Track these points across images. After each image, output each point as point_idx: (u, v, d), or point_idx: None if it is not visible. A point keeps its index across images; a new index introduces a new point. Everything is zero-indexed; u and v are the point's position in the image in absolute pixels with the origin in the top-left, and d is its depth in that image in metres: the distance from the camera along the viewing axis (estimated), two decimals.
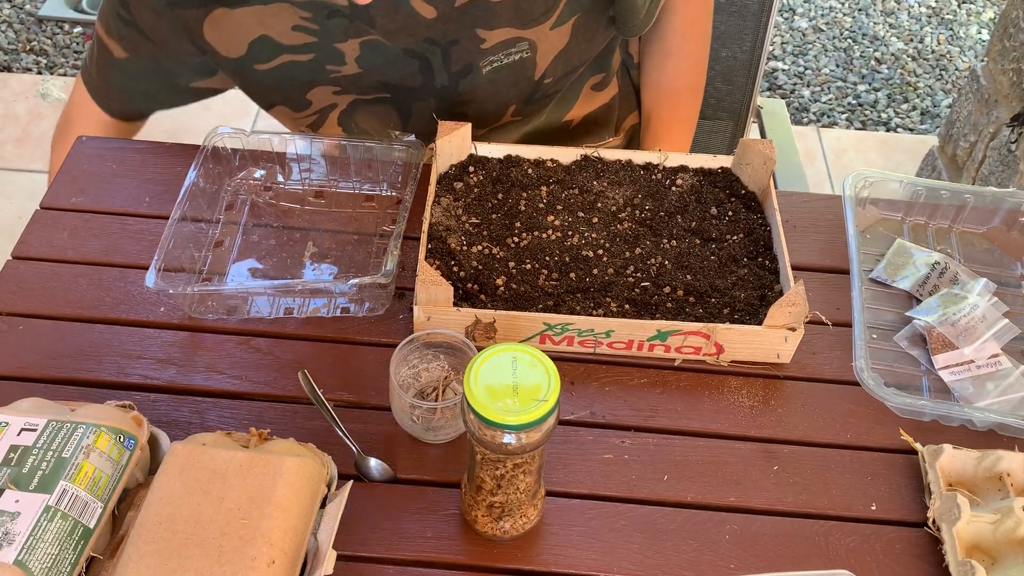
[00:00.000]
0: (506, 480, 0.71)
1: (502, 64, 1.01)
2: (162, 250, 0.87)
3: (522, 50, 1.01)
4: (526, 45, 1.00)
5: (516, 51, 1.00)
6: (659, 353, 0.89)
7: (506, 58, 1.01)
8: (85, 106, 1.10)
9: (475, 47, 0.99)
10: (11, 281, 0.93)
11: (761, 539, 0.79)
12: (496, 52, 1.00)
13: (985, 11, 2.85)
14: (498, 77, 1.02)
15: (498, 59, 1.01)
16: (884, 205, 1.04)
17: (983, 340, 0.90)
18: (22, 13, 2.63)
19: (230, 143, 1.00)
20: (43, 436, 0.70)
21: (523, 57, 1.01)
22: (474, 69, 1.01)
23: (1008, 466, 0.80)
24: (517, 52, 1.01)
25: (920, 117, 2.55)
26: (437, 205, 0.95)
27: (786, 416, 0.87)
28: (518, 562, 0.76)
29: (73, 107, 1.12)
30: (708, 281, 0.91)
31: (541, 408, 0.64)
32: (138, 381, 0.86)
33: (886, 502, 0.81)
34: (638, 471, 0.82)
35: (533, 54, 1.02)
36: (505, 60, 1.01)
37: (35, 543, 0.64)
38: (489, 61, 1.00)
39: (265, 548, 0.66)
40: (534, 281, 0.90)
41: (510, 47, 1.00)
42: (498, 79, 1.03)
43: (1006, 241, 1.02)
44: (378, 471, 0.80)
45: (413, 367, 0.85)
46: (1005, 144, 1.82)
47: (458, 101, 1.04)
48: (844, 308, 0.95)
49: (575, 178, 1.00)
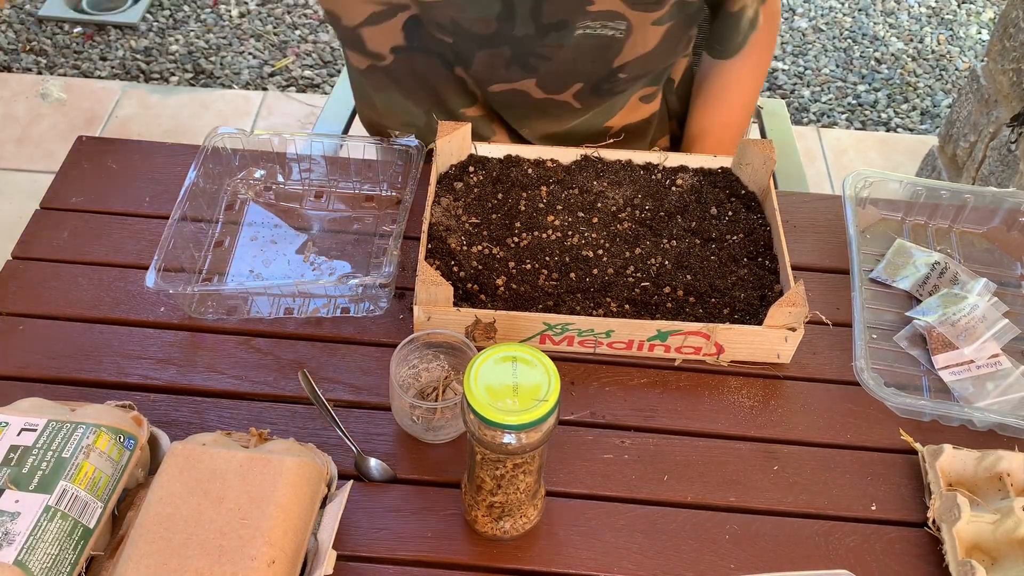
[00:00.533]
0: (506, 480, 0.71)
1: (595, 33, 0.97)
2: (162, 250, 0.87)
3: (619, 29, 0.97)
4: (624, 26, 0.97)
5: (613, 27, 0.97)
6: (659, 353, 0.89)
7: (601, 29, 0.97)
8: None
9: (580, 6, 0.95)
10: (11, 281, 0.93)
11: (761, 539, 0.79)
12: (596, 19, 0.96)
13: (985, 11, 2.85)
14: (585, 44, 0.98)
15: (594, 27, 0.97)
16: (884, 205, 1.04)
17: (983, 340, 0.90)
18: (22, 13, 2.63)
19: (230, 143, 1.00)
20: (43, 436, 0.70)
21: (616, 36, 0.98)
22: (568, 26, 0.96)
23: (1008, 466, 0.80)
24: (613, 29, 0.97)
25: (920, 117, 2.55)
26: (437, 205, 0.95)
27: (786, 416, 0.87)
28: (518, 562, 0.76)
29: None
30: (708, 281, 0.91)
31: (541, 408, 0.64)
32: (138, 381, 0.86)
33: (886, 502, 0.81)
34: (638, 471, 0.82)
35: (625, 38, 0.98)
36: (599, 31, 0.97)
37: (35, 543, 0.64)
38: (586, 24, 0.96)
39: (265, 548, 0.66)
40: (534, 281, 0.90)
41: (609, 20, 0.96)
42: (583, 47, 0.99)
43: (1006, 241, 1.02)
44: (378, 471, 0.80)
45: (413, 367, 0.85)
46: (1005, 144, 1.82)
47: (535, 55, 1.00)
48: (844, 308, 0.95)
49: (575, 178, 1.00)
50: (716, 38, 1.10)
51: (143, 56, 2.55)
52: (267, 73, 2.53)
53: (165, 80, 2.50)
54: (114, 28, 2.61)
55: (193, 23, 2.65)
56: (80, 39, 2.57)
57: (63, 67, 2.50)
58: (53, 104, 2.38)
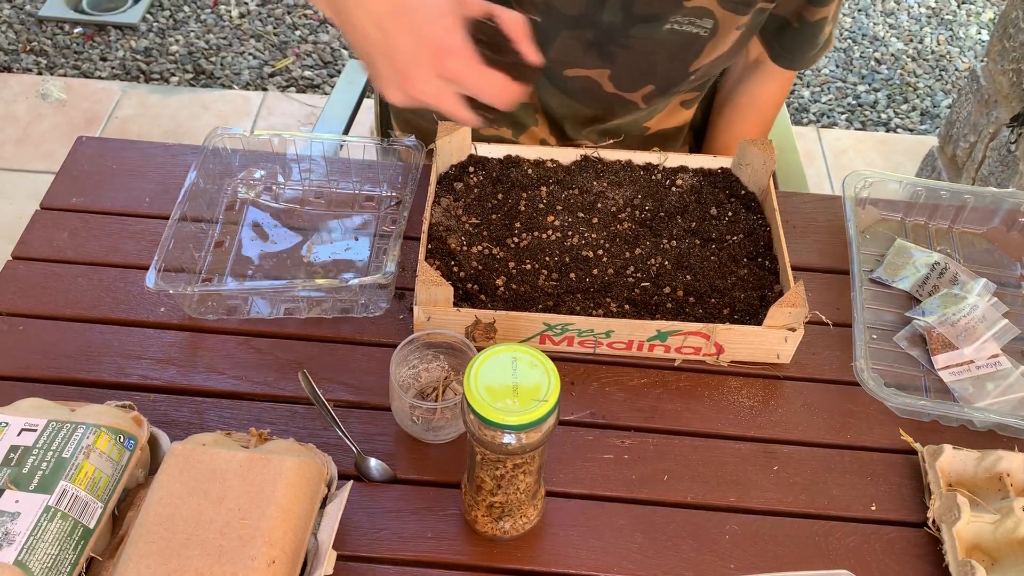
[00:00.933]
0: (506, 480, 0.71)
1: (681, 30, 0.96)
2: (162, 250, 0.87)
3: (705, 27, 0.96)
4: (711, 25, 0.96)
5: (700, 25, 0.96)
6: (659, 353, 0.89)
7: (689, 25, 0.96)
8: None
9: (679, 1, 0.94)
10: (11, 281, 0.93)
11: (761, 539, 0.79)
12: (687, 15, 0.94)
13: (985, 11, 2.85)
14: (669, 41, 0.97)
15: (682, 23, 0.95)
16: (884, 205, 1.04)
17: (983, 340, 0.90)
18: (22, 13, 2.63)
19: (230, 143, 1.00)
20: (43, 436, 0.70)
21: (700, 35, 0.97)
22: (659, 20, 0.95)
23: (1008, 466, 0.80)
24: (699, 27, 0.96)
25: (920, 117, 2.55)
26: (437, 205, 0.95)
27: (786, 416, 0.87)
28: (518, 562, 0.76)
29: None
30: (708, 281, 0.91)
31: (541, 408, 0.64)
32: (138, 381, 0.86)
33: (886, 502, 0.81)
34: (638, 471, 0.82)
35: (708, 38, 0.97)
36: (686, 27, 0.96)
37: (35, 543, 0.64)
38: (676, 20, 0.95)
39: (265, 548, 0.66)
40: (534, 281, 0.90)
41: (698, 17, 0.95)
42: (668, 44, 0.97)
43: (1006, 241, 1.02)
44: (378, 471, 0.80)
45: (413, 367, 0.85)
46: (1005, 144, 1.82)
47: (617, 43, 0.98)
48: (844, 308, 0.95)
49: (575, 178, 1.00)
50: (788, 48, 1.07)
51: (143, 56, 2.55)
52: (267, 73, 2.53)
53: (165, 80, 2.50)
54: (114, 28, 2.61)
55: (193, 23, 2.65)
56: (80, 39, 2.57)
57: (63, 67, 2.50)
58: (53, 104, 2.38)
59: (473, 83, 0.70)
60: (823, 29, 1.04)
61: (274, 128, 2.37)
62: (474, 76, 0.70)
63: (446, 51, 0.69)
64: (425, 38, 0.68)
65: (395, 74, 0.70)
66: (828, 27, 1.05)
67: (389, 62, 0.70)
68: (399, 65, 0.70)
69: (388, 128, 1.42)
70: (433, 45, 0.69)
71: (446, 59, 0.69)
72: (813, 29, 1.03)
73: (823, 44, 1.07)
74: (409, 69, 0.69)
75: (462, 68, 0.69)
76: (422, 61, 0.69)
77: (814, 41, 1.05)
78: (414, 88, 0.70)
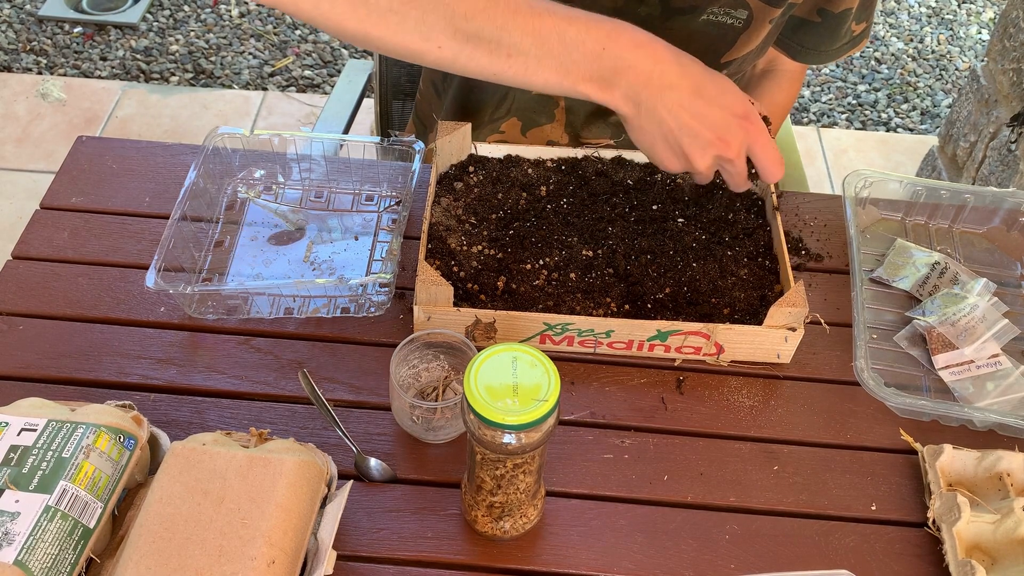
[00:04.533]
0: (506, 480, 0.71)
1: (716, 21, 0.97)
2: (162, 250, 0.87)
3: (739, 18, 0.97)
4: (745, 15, 0.96)
5: (735, 16, 0.96)
6: (659, 353, 0.89)
7: (724, 16, 0.96)
8: None
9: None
10: (11, 281, 0.93)
11: (761, 539, 0.79)
12: (723, 5, 0.95)
13: (985, 11, 2.85)
14: (703, 32, 0.98)
15: (718, 14, 0.96)
16: (884, 205, 1.04)
17: (983, 340, 0.90)
18: (22, 13, 2.63)
19: (230, 143, 1.00)
20: (43, 436, 0.70)
21: (734, 26, 0.97)
22: (695, 12, 0.96)
23: (1008, 466, 0.80)
24: (735, 17, 0.96)
25: (920, 117, 2.55)
26: (437, 205, 0.95)
27: (786, 416, 0.87)
28: (518, 562, 0.76)
29: None
30: (708, 281, 0.91)
31: (541, 408, 0.64)
32: (138, 381, 0.86)
33: (886, 502, 0.81)
34: (638, 471, 0.82)
35: (742, 29, 0.98)
36: (721, 18, 0.97)
37: (35, 543, 0.64)
38: (712, 12, 0.96)
39: (265, 548, 0.66)
40: (534, 281, 0.90)
41: (732, 7, 0.96)
42: (701, 35, 0.98)
43: (1006, 241, 1.02)
44: (378, 471, 0.80)
45: (413, 367, 0.85)
46: (1005, 144, 1.82)
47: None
48: (844, 308, 0.95)
49: (575, 178, 1.00)
50: (810, 43, 1.07)
51: (143, 56, 2.55)
52: (267, 73, 2.53)
53: (165, 80, 2.50)
54: (114, 28, 2.61)
55: (193, 23, 2.65)
56: (80, 39, 2.57)
57: (63, 67, 2.50)
58: (53, 104, 2.38)
59: (768, 148, 0.81)
60: (846, 21, 1.04)
61: (274, 128, 2.37)
62: (768, 142, 0.81)
63: (746, 116, 0.80)
64: (729, 108, 0.79)
65: (705, 144, 0.79)
66: (851, 21, 1.05)
67: (696, 137, 0.79)
68: (711, 135, 0.79)
69: (388, 128, 1.42)
70: (737, 112, 0.79)
71: (748, 124, 0.80)
72: (837, 20, 1.04)
73: (849, 39, 1.07)
74: (724, 135, 0.79)
75: (761, 131, 0.81)
76: (732, 126, 0.79)
77: (836, 33, 1.05)
78: (729, 150, 0.80)
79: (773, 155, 0.82)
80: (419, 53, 0.76)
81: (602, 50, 0.76)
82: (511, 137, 1.13)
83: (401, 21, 0.74)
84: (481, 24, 0.74)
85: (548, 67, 0.76)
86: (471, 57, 0.75)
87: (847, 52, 1.10)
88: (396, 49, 0.76)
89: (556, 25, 0.75)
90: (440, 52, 0.75)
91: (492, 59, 0.75)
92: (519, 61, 0.75)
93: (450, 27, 0.74)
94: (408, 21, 0.74)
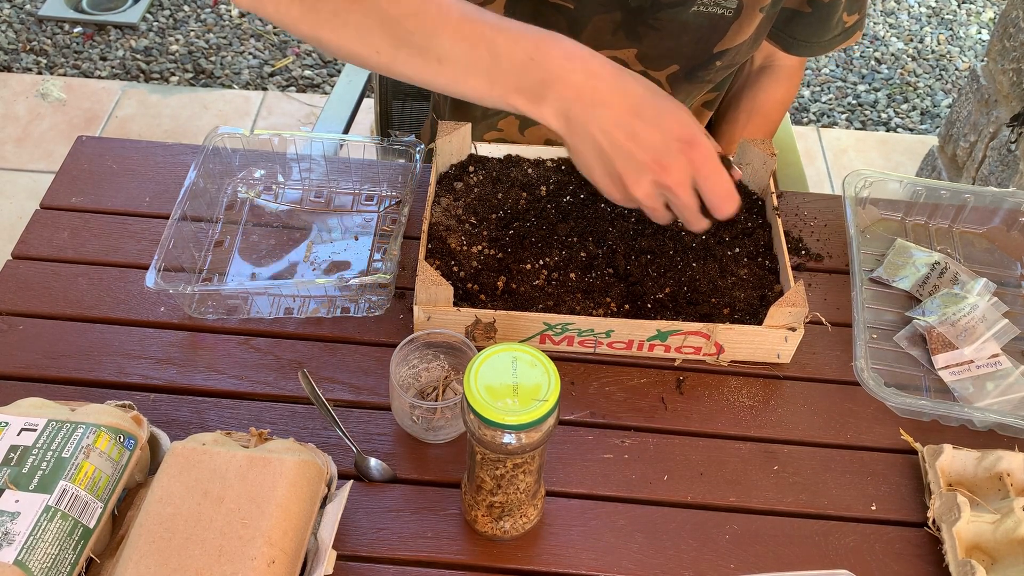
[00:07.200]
0: (506, 480, 0.71)
1: (706, 11, 0.96)
2: (162, 250, 0.87)
3: (729, 8, 0.96)
4: (735, 4, 0.96)
5: (725, 6, 0.96)
6: (659, 353, 0.89)
7: (713, 6, 0.96)
8: None
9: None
10: (11, 281, 0.93)
11: (761, 539, 0.79)
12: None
13: (985, 11, 2.85)
14: (693, 23, 0.97)
15: (707, 4, 0.95)
16: (884, 205, 1.04)
17: (983, 340, 0.90)
18: (22, 13, 2.63)
19: (230, 143, 1.00)
20: (43, 436, 0.70)
21: (724, 15, 0.97)
22: (686, 3, 0.95)
23: (1008, 466, 0.80)
24: (725, 7, 0.96)
25: (920, 117, 2.55)
26: (437, 205, 0.95)
27: (786, 416, 0.87)
28: (518, 562, 0.76)
29: None
30: (708, 281, 0.91)
31: (541, 408, 0.64)
32: (138, 381, 0.86)
33: (886, 502, 0.81)
34: (638, 471, 0.82)
35: (732, 19, 0.98)
36: (711, 8, 0.96)
37: (35, 543, 0.64)
38: (702, 3, 0.95)
39: (265, 548, 0.66)
40: (534, 281, 0.90)
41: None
42: (692, 26, 0.98)
43: (1006, 241, 1.02)
44: (378, 471, 0.80)
45: (413, 367, 0.85)
46: (1005, 144, 1.82)
47: (645, 24, 0.98)
48: (844, 308, 0.95)
49: (575, 178, 1.00)
50: (803, 35, 1.07)
51: (143, 56, 2.55)
52: (267, 73, 2.53)
53: (165, 80, 2.50)
54: (114, 28, 2.61)
55: (193, 23, 2.65)
56: (80, 39, 2.57)
57: (63, 67, 2.50)
58: (53, 104, 2.38)
59: (713, 177, 0.73)
60: (836, 11, 1.04)
61: (274, 128, 2.37)
62: (715, 170, 0.73)
63: (690, 142, 0.72)
64: (669, 131, 0.72)
65: (639, 168, 0.72)
66: (842, 12, 1.05)
67: (629, 159, 0.72)
68: (646, 158, 0.72)
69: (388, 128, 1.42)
70: (679, 136, 0.72)
71: (691, 150, 0.72)
72: (828, 11, 1.04)
73: (841, 30, 1.07)
74: (661, 159, 0.72)
75: (707, 159, 0.73)
76: (672, 151, 0.72)
77: (827, 24, 1.05)
78: (668, 176, 0.73)
79: (721, 187, 0.74)
80: (361, 57, 0.76)
81: (529, 60, 0.72)
82: (509, 135, 1.13)
83: (343, 24, 0.75)
84: (412, 28, 0.74)
85: (476, 76, 0.73)
86: (405, 62, 0.75)
87: (840, 44, 1.09)
88: (341, 52, 0.77)
89: (485, 33, 0.73)
90: (379, 57, 0.75)
91: (424, 65, 0.74)
92: (449, 68, 0.74)
93: (385, 31, 0.74)
94: (349, 25, 0.74)
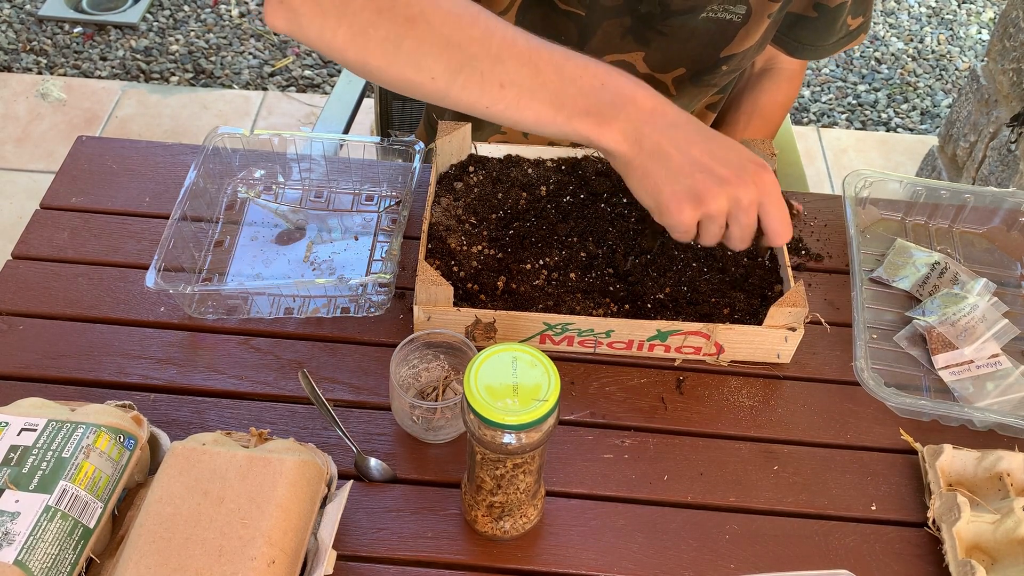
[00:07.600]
0: (506, 480, 0.71)
1: (715, 17, 0.97)
2: (162, 250, 0.87)
3: (738, 13, 0.97)
4: (744, 10, 0.96)
5: (734, 11, 0.96)
6: (659, 353, 0.89)
7: (723, 12, 0.96)
8: None
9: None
10: (11, 281, 0.93)
11: (761, 539, 0.79)
12: (722, 2, 0.95)
13: (985, 11, 2.85)
14: (702, 29, 0.98)
15: (716, 11, 0.96)
16: (884, 205, 1.04)
17: (983, 340, 0.90)
18: (22, 13, 2.63)
19: (230, 143, 1.00)
20: (43, 436, 0.70)
21: (732, 21, 0.97)
22: (695, 10, 0.95)
23: (1008, 466, 0.80)
24: (734, 13, 0.97)
25: (920, 117, 2.55)
26: (437, 205, 0.95)
27: (786, 416, 0.87)
28: (518, 562, 0.76)
29: None
30: (708, 281, 0.91)
31: (541, 408, 0.64)
32: (138, 381, 0.86)
33: (886, 502, 0.81)
34: (638, 471, 0.82)
35: (741, 24, 0.98)
36: (720, 14, 0.96)
37: (35, 543, 0.64)
38: (711, 9, 0.96)
39: (265, 548, 0.66)
40: (534, 281, 0.90)
41: (731, 3, 0.95)
42: (701, 31, 0.98)
43: (1006, 241, 1.02)
44: (378, 471, 0.80)
45: (413, 367, 0.85)
46: (1005, 144, 1.82)
47: (654, 29, 0.98)
48: (844, 308, 0.95)
49: (575, 178, 1.00)
50: (807, 39, 1.08)
51: (143, 56, 2.55)
52: (267, 73, 2.53)
53: (165, 80, 2.50)
54: (114, 28, 2.61)
55: (193, 23, 2.65)
56: (80, 39, 2.57)
57: (63, 67, 2.50)
58: (53, 104, 2.38)
59: (779, 204, 0.77)
60: (842, 15, 1.04)
61: (274, 128, 2.37)
62: (780, 198, 0.77)
63: (762, 166, 0.77)
64: (742, 154, 0.77)
65: (720, 181, 0.75)
66: (847, 15, 1.05)
67: (709, 173, 0.74)
68: (727, 173, 0.75)
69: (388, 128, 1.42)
70: (751, 159, 0.77)
71: (764, 173, 0.76)
72: (833, 15, 1.04)
73: (845, 33, 1.07)
74: (740, 175, 0.75)
75: (776, 186, 0.77)
76: (748, 170, 0.76)
77: (832, 28, 1.05)
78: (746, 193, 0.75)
79: (784, 214, 0.78)
80: (414, 84, 0.75)
81: (600, 85, 0.74)
82: (512, 137, 1.13)
83: (396, 50, 0.73)
84: (476, 52, 0.73)
85: (541, 99, 0.74)
86: (463, 88, 0.74)
87: (844, 46, 1.10)
88: (390, 78, 0.76)
89: (552, 58, 0.74)
90: (434, 83, 0.75)
91: (483, 91, 0.74)
92: (511, 93, 0.74)
93: (444, 56, 0.73)
94: (402, 51, 0.73)
